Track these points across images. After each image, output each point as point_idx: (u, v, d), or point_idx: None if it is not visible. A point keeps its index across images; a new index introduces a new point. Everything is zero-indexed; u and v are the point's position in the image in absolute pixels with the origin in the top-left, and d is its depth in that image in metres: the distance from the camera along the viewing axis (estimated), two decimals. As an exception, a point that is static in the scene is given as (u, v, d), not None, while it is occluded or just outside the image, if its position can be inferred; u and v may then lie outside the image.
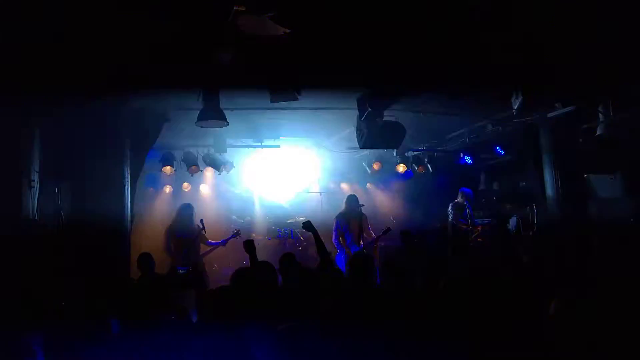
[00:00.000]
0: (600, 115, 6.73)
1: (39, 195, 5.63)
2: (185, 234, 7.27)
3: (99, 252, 5.64)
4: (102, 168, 5.87)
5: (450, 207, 8.93)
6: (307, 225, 5.01)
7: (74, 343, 2.57)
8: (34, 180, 5.48)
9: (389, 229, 7.72)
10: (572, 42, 4.91)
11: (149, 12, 3.93)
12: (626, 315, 2.22)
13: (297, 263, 4.65)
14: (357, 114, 5.82)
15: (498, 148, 9.52)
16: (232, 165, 9.26)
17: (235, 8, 3.04)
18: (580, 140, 7.63)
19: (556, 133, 7.53)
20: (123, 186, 6.12)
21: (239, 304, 3.22)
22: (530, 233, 6.02)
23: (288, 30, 3.61)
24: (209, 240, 7.49)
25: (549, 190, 7.69)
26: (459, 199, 8.97)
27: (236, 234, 7.64)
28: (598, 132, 6.85)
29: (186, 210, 7.57)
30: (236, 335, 2.63)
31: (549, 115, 7.12)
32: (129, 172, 6.23)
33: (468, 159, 9.67)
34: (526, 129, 7.93)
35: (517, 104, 5.34)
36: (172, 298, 3.84)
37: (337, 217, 7.80)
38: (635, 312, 2.18)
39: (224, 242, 7.62)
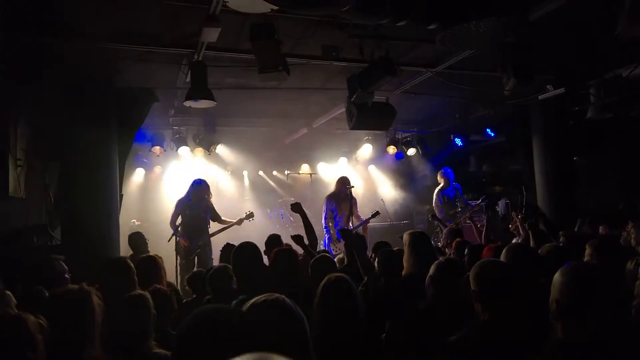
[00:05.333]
0: (591, 98, 6.74)
1: (26, 175, 5.57)
2: (196, 211, 7.09)
3: (87, 231, 5.61)
4: (90, 147, 5.80)
5: (434, 194, 8.63)
6: (296, 207, 4.99)
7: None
8: (20, 159, 5.42)
9: (377, 213, 7.73)
10: (563, 23, 4.90)
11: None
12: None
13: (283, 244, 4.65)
14: (347, 94, 5.77)
15: (489, 130, 9.54)
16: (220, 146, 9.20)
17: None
18: (571, 122, 7.66)
19: (547, 115, 7.55)
20: (111, 165, 6.06)
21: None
22: (519, 216, 6.05)
23: (276, 7, 3.55)
24: (224, 218, 7.32)
25: (538, 173, 7.74)
26: (440, 183, 8.60)
27: (249, 216, 7.48)
28: (589, 115, 6.87)
29: (198, 185, 7.26)
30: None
31: (540, 97, 7.12)
32: (116, 151, 6.17)
33: (458, 141, 9.69)
34: (517, 111, 7.94)
35: (509, 86, 5.31)
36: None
37: (327, 197, 7.80)
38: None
39: (240, 221, 7.30)
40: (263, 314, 1.75)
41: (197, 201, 7.14)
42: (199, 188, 7.22)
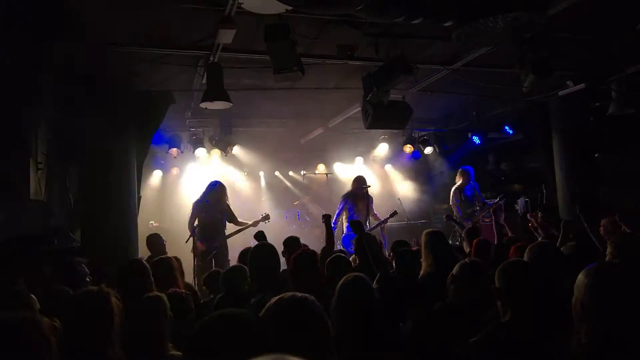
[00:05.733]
0: (613, 94, 6.59)
1: (47, 178, 5.66)
2: (212, 212, 7.09)
3: (107, 234, 5.69)
4: (109, 150, 5.87)
5: (451, 192, 8.48)
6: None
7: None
8: (41, 163, 5.51)
9: (395, 212, 7.68)
10: (582, 17, 4.80)
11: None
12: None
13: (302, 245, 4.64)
14: (363, 93, 5.74)
15: (507, 127, 9.41)
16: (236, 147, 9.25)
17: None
18: (592, 119, 7.51)
19: (566, 112, 7.41)
20: (130, 168, 6.13)
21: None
22: (540, 214, 5.93)
23: (290, 8, 3.54)
24: (240, 220, 7.33)
25: (559, 170, 7.60)
26: (459, 181, 8.43)
27: (265, 218, 7.49)
28: (610, 111, 6.72)
29: (214, 187, 7.25)
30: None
31: (560, 93, 6.98)
32: (135, 153, 6.24)
33: (476, 139, 9.57)
34: (536, 107, 7.81)
35: (527, 83, 5.22)
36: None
37: (344, 196, 7.76)
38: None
39: (256, 223, 7.28)
40: (286, 313, 1.72)
41: (214, 203, 7.15)
42: (215, 190, 7.24)
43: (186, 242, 6.83)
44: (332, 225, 7.50)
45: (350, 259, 4.70)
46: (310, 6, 3.40)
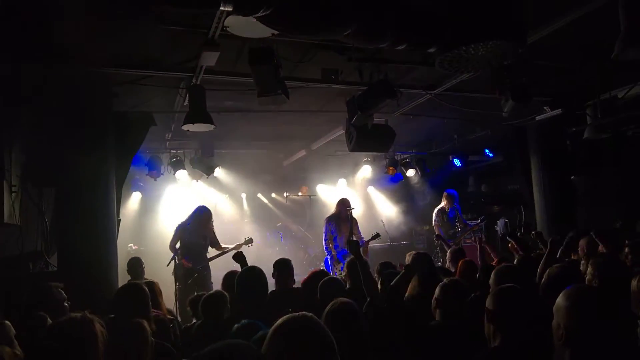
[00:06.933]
0: (588, 118, 6.78)
1: (21, 201, 5.50)
2: (195, 237, 6.98)
3: (85, 257, 5.52)
4: (86, 172, 5.73)
5: (434, 213, 8.70)
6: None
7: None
8: (15, 185, 5.35)
9: (377, 235, 7.68)
10: (560, 45, 4.95)
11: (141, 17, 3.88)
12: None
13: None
14: (347, 116, 5.78)
15: (487, 151, 9.58)
16: (218, 169, 9.17)
17: (221, 8, 2.96)
18: (568, 142, 7.69)
19: (544, 136, 7.59)
20: (108, 190, 5.99)
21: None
22: (519, 234, 6.01)
23: (276, 32, 3.56)
24: (223, 245, 7.22)
25: (537, 192, 7.74)
26: (443, 203, 8.67)
27: (248, 242, 7.42)
28: (585, 135, 6.89)
29: (200, 213, 7.16)
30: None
31: (537, 118, 7.16)
32: (114, 175, 6.11)
33: (457, 162, 9.71)
34: (515, 131, 7.98)
35: (507, 108, 5.34)
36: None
37: (327, 219, 7.75)
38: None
39: (239, 247, 7.09)
40: (293, 333, 1.65)
41: (198, 227, 7.06)
42: (201, 215, 7.14)
43: (167, 265, 6.69)
44: (326, 251, 7.49)
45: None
46: (298, 32, 3.42)
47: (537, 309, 2.51)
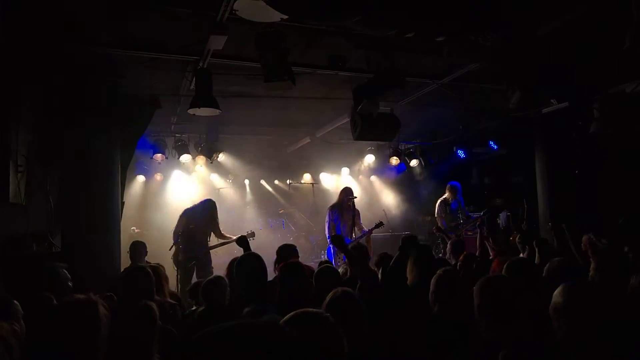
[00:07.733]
0: (595, 112, 6.74)
1: (27, 181, 5.52)
2: (199, 225, 7.01)
3: (88, 239, 5.56)
4: (92, 154, 5.75)
5: (437, 205, 8.68)
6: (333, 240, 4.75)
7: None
8: (21, 166, 5.37)
9: (381, 223, 7.69)
10: (569, 38, 4.90)
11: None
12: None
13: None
14: (352, 104, 5.76)
15: (491, 143, 9.54)
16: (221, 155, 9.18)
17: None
18: (574, 135, 7.66)
19: (549, 129, 7.56)
20: (113, 173, 6.01)
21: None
22: (522, 227, 6.01)
23: (285, 17, 3.54)
24: (226, 235, 7.22)
25: (540, 186, 7.73)
26: (446, 194, 8.66)
27: (251, 235, 7.45)
28: (591, 129, 6.86)
29: (206, 205, 7.27)
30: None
31: (544, 111, 7.12)
32: (119, 159, 6.13)
33: (461, 153, 9.68)
34: (520, 123, 7.94)
35: (514, 100, 5.31)
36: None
37: (330, 208, 7.75)
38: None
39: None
40: (304, 330, 1.63)
41: (203, 217, 7.11)
42: (207, 207, 7.21)
43: (170, 249, 6.75)
44: (328, 239, 7.49)
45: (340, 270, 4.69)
46: (308, 17, 3.41)
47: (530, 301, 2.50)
